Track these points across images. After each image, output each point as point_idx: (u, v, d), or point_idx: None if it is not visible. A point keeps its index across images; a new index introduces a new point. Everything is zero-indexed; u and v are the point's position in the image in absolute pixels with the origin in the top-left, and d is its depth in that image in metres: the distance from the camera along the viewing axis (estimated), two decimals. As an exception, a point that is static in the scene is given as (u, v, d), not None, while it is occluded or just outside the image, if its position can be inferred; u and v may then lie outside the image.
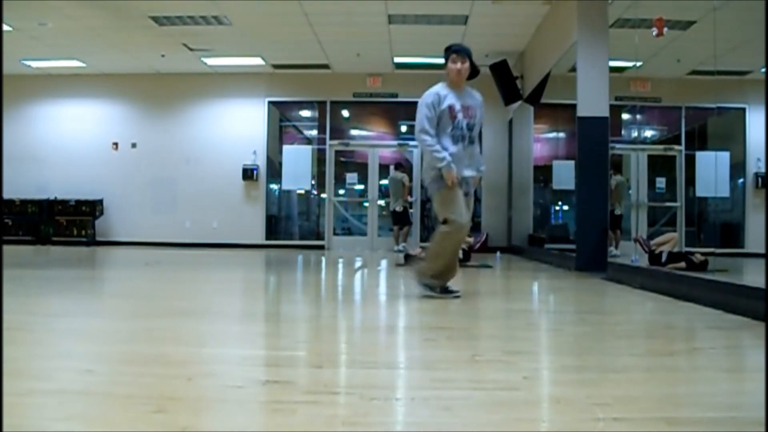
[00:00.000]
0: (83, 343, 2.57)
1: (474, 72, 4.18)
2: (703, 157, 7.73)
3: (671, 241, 6.27)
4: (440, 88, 4.16)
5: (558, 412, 1.65)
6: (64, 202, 12.18)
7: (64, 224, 12.16)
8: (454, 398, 1.74)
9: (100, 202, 12.22)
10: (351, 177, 13.02)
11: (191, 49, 10.77)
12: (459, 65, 4.11)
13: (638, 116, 8.27)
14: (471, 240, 8.04)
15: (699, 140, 8.24)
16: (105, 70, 12.12)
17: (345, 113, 13.16)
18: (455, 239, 4.05)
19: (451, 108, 4.08)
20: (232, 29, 9.72)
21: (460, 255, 7.48)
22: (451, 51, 4.17)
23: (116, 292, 5.02)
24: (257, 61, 11.51)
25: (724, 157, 7.36)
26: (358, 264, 8.23)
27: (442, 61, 4.24)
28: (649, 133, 9.26)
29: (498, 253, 10.34)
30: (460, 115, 4.07)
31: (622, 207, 7.80)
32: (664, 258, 5.90)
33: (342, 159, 13.05)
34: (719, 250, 6.85)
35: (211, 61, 11.56)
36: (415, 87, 12.17)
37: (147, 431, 1.44)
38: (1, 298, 2.61)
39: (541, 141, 10.71)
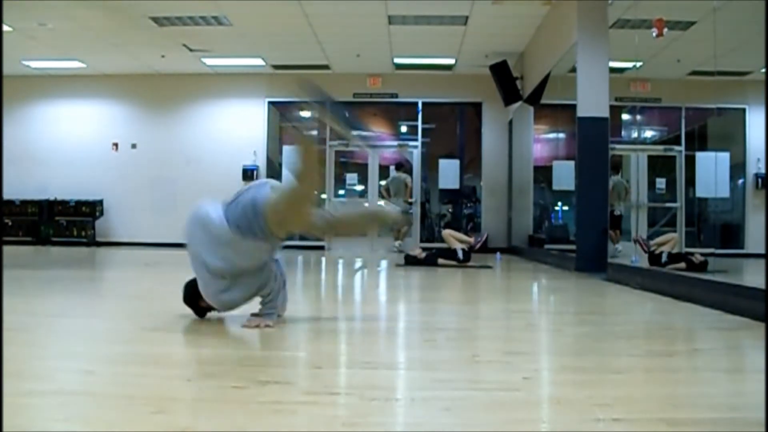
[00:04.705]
0: (83, 344, 2.57)
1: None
2: (703, 158, 7.73)
3: (671, 241, 6.29)
4: None
5: (558, 413, 1.65)
6: (64, 203, 12.17)
7: (64, 225, 12.16)
8: (454, 399, 1.74)
9: (100, 202, 12.22)
10: (351, 177, 13.03)
11: (191, 50, 10.77)
12: None
13: (638, 117, 8.27)
14: (472, 240, 8.02)
15: (699, 141, 8.24)
16: (105, 70, 12.12)
17: (345, 114, 13.16)
18: None
19: None
20: (232, 30, 9.72)
21: (461, 255, 7.49)
22: None
23: (116, 292, 5.02)
24: (257, 61, 11.51)
25: (724, 157, 7.36)
26: (357, 264, 8.23)
27: (442, 61, 4.15)
28: (649, 134, 9.26)
29: (498, 254, 10.34)
30: None
31: (620, 207, 7.80)
32: (664, 259, 5.92)
33: (342, 159, 13.05)
34: (719, 250, 6.85)
35: (211, 62, 11.56)
36: (415, 87, 12.33)
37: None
38: (1, 299, 2.61)
39: (541, 141, 10.71)
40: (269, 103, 12.51)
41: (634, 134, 8.51)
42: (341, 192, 13.12)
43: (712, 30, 5.35)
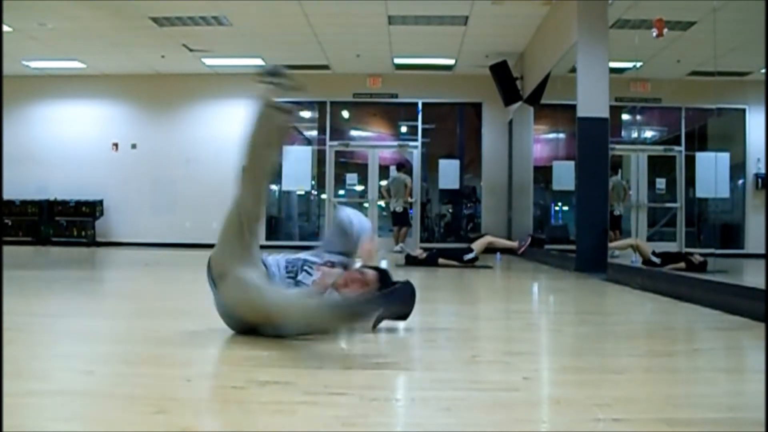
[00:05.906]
0: (83, 344, 2.56)
1: None
2: (703, 158, 7.74)
3: (637, 245, 6.33)
4: None
5: (558, 413, 1.65)
6: (64, 203, 12.18)
7: (64, 225, 12.16)
8: (454, 399, 1.74)
9: (100, 202, 12.22)
10: (351, 178, 13.03)
11: (191, 50, 10.77)
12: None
13: (638, 117, 8.28)
14: (516, 244, 8.10)
15: (699, 141, 8.24)
16: (105, 70, 12.12)
17: (345, 114, 13.16)
18: None
19: None
20: (232, 30, 9.72)
21: (471, 256, 7.46)
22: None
23: (116, 292, 5.02)
24: (257, 61, 11.50)
25: (724, 158, 7.37)
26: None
27: (442, 61, 4.10)
28: (649, 134, 9.26)
29: (498, 254, 10.33)
30: None
31: (620, 207, 7.81)
32: (656, 260, 5.94)
33: (342, 160, 13.05)
34: (719, 251, 6.85)
35: (211, 62, 11.56)
36: (415, 87, 12.33)
37: (147, 432, 1.44)
38: (1, 299, 2.61)
39: (541, 142, 10.71)
40: (269, 103, 12.50)
41: (634, 134, 8.52)
42: (341, 192, 13.12)
43: (712, 30, 5.35)
